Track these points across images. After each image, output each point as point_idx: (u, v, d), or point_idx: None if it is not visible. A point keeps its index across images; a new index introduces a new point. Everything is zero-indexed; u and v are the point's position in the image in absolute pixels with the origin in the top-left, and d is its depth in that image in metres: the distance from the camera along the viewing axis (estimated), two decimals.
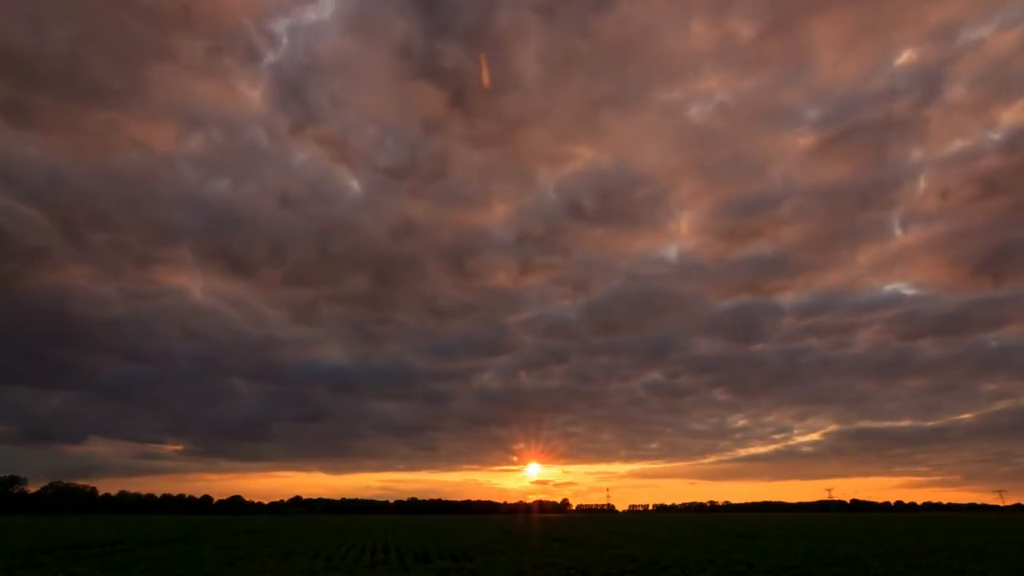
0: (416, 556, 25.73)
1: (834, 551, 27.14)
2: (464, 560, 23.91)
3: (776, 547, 30.07)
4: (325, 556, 25.80)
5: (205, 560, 23.89)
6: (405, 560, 24.13)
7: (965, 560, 23.06)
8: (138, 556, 25.64)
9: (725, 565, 21.58)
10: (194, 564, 22.38)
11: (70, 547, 30.06)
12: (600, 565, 21.78)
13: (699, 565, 21.60)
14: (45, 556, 25.29)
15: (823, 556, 24.73)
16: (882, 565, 21.37)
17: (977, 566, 21.09)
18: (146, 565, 22.02)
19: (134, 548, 30.08)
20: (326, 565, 22.21)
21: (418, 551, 28.18)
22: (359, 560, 24.28)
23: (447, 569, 20.83)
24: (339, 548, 30.34)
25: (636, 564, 21.99)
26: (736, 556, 25.01)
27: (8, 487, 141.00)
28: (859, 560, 23.11)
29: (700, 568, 20.73)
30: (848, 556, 24.71)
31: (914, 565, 21.43)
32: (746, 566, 21.31)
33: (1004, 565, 21.54)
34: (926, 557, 24.32)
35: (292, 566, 21.64)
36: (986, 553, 25.95)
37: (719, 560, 23.29)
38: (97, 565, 22.00)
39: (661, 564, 21.89)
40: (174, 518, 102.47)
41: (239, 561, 23.50)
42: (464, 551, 27.94)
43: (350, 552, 28.02)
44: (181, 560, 23.83)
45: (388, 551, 28.49)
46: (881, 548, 28.99)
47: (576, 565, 21.76)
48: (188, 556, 25.63)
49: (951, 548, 28.80)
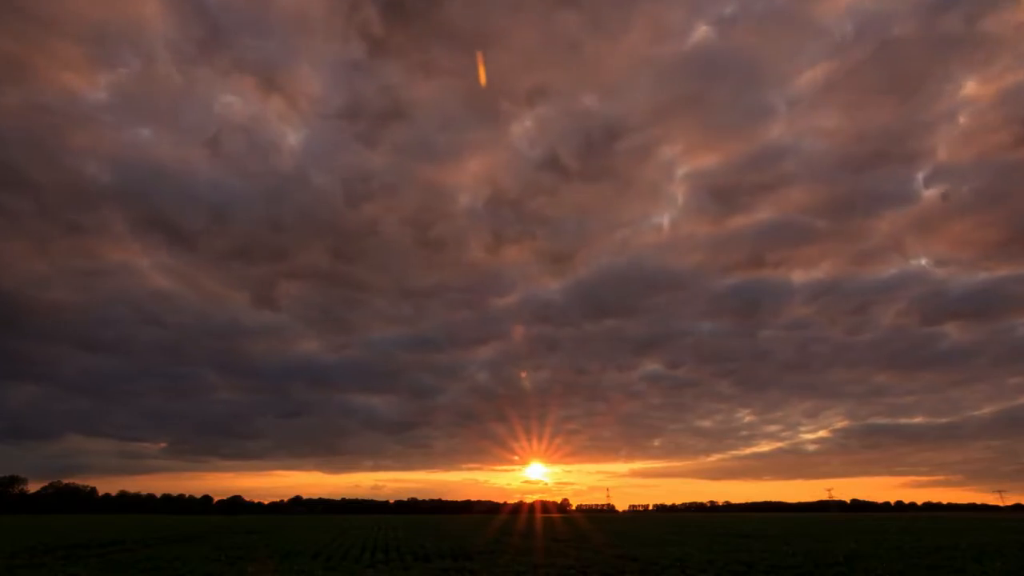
0: (416, 556, 25.72)
1: (834, 551, 27.14)
2: (464, 560, 23.90)
3: (776, 547, 30.07)
4: (325, 556, 25.80)
5: (205, 560, 23.89)
6: (405, 560, 24.12)
7: (965, 560, 23.06)
8: (138, 556, 25.63)
9: (725, 565, 21.58)
10: (194, 564, 22.37)
11: (70, 547, 30.05)
12: (600, 565, 21.77)
13: (699, 565, 21.60)
14: (45, 556, 25.28)
15: (823, 556, 24.73)
16: (882, 565, 21.36)
17: (977, 566, 21.09)
18: (146, 565, 22.01)
19: (134, 548, 30.07)
20: (326, 565, 22.21)
21: (418, 551, 28.18)
22: (359, 560, 24.28)
23: (447, 569, 20.83)
24: (339, 548, 30.34)
25: (636, 564, 21.99)
26: (736, 556, 25.01)
27: (8, 487, 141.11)
28: (859, 560, 23.11)
29: (700, 568, 20.72)
30: (848, 556, 24.71)
31: (914, 565, 21.43)
32: (746, 566, 21.31)
33: (1004, 565, 21.54)
34: (926, 557, 24.32)
35: (292, 566, 21.64)
36: (986, 553, 25.95)
37: (719, 560, 23.28)
38: (97, 565, 22.00)
39: (661, 564, 21.89)
40: (174, 518, 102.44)
41: (239, 561, 23.50)
42: (464, 551, 27.94)
43: (350, 552, 28.02)
44: (181, 560, 23.82)
45: (388, 551, 28.49)
46: (881, 548, 28.98)
47: (576, 565, 21.76)
48: (188, 556, 25.63)
49: (951, 548, 28.80)
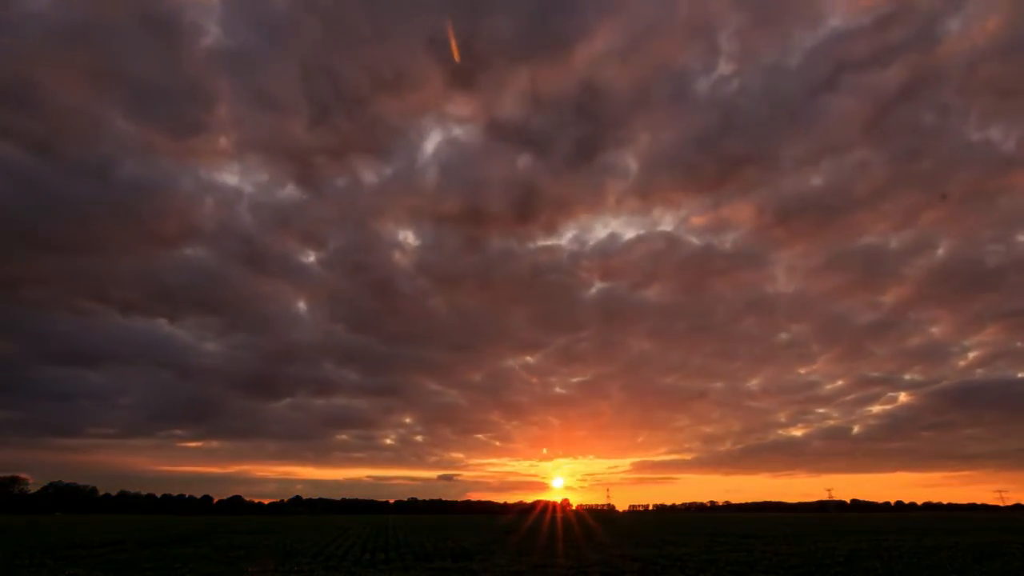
0: (416, 556, 25.71)
1: (834, 551, 27.13)
2: (464, 560, 23.90)
3: (776, 547, 30.06)
4: (325, 556, 25.79)
5: (205, 560, 23.88)
6: (405, 560, 24.12)
7: (965, 560, 23.05)
8: (138, 556, 25.64)
9: (725, 565, 21.57)
10: (194, 564, 22.37)
11: (70, 547, 30.06)
12: (600, 565, 21.77)
13: (699, 565, 21.59)
14: (45, 556, 25.28)
15: (823, 556, 24.72)
16: (882, 565, 21.36)
17: (977, 566, 21.08)
18: (146, 565, 22.02)
19: (134, 548, 30.07)
20: (326, 565, 22.21)
21: (418, 551, 28.19)
22: (359, 560, 24.27)
23: (447, 569, 20.83)
24: (339, 548, 30.34)
25: (636, 564, 21.99)
26: (736, 556, 25.00)
27: (8, 487, 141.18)
28: (859, 560, 23.10)
29: (700, 568, 20.71)
30: (848, 556, 24.70)
31: (914, 565, 21.42)
32: (746, 566, 21.30)
33: (1004, 565, 21.53)
34: (926, 557, 24.31)
35: (292, 566, 21.63)
36: (986, 553, 25.94)
37: (719, 560, 23.27)
38: (97, 565, 22.00)
39: (661, 564, 21.89)
40: (174, 518, 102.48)
41: (239, 561, 23.49)
42: (464, 551, 27.95)
43: (350, 552, 28.02)
44: (181, 560, 23.82)
45: (388, 551, 28.49)
46: (881, 548, 28.97)
47: (576, 565, 21.75)
48: (188, 556, 25.63)
49: (951, 548, 28.79)
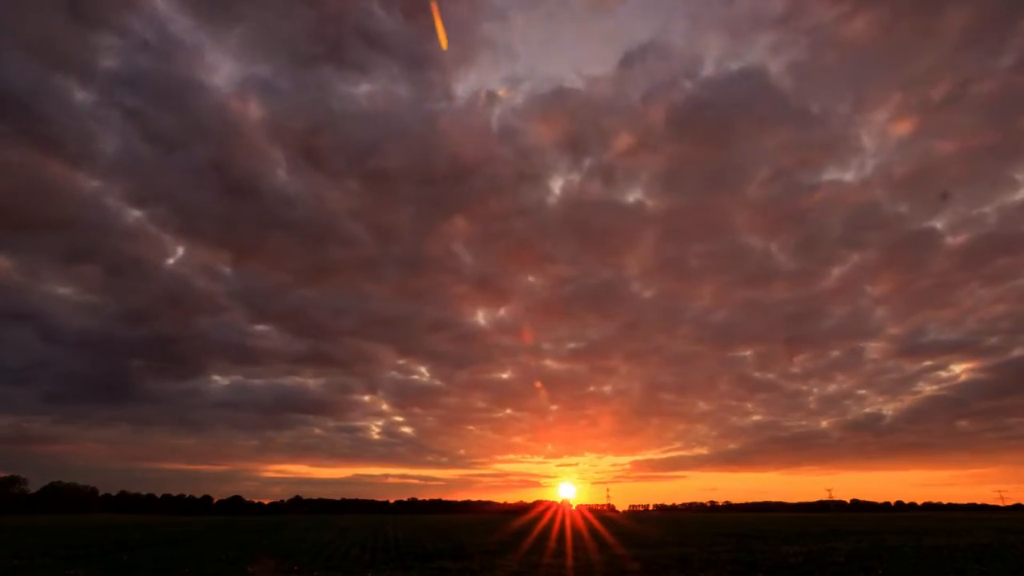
0: (416, 555, 25.71)
1: (834, 551, 27.14)
2: (464, 560, 23.90)
3: (776, 547, 30.06)
4: (325, 556, 25.79)
5: (205, 560, 23.88)
6: (405, 560, 24.12)
7: (965, 560, 23.05)
8: (138, 556, 25.64)
9: (725, 565, 21.57)
10: (194, 564, 22.37)
11: (70, 547, 30.06)
12: (600, 565, 21.78)
13: (700, 565, 21.59)
14: (45, 556, 25.29)
15: (823, 556, 24.72)
16: (882, 565, 21.36)
17: (977, 566, 21.09)
18: (146, 565, 22.02)
19: (134, 548, 30.07)
20: (326, 565, 22.20)
21: (418, 550, 28.18)
22: (359, 560, 24.26)
23: (447, 569, 20.83)
24: (339, 548, 30.33)
25: (637, 564, 21.99)
26: (736, 556, 25.00)
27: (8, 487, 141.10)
28: (859, 560, 23.11)
29: (701, 568, 20.72)
30: (848, 556, 24.71)
31: (914, 565, 21.43)
32: (748, 566, 21.29)
33: (1004, 565, 21.54)
34: (926, 557, 24.32)
35: (292, 566, 21.63)
36: (986, 553, 25.95)
37: (720, 560, 23.28)
38: (97, 565, 22.00)
39: (661, 564, 21.88)
40: (174, 518, 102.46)
41: (239, 561, 23.49)
42: (464, 551, 27.94)
43: (350, 552, 28.01)
44: (181, 560, 23.82)
45: (388, 550, 28.49)
46: (881, 548, 28.98)
47: (576, 565, 21.76)
48: (188, 556, 25.63)
49: (951, 548, 28.80)
